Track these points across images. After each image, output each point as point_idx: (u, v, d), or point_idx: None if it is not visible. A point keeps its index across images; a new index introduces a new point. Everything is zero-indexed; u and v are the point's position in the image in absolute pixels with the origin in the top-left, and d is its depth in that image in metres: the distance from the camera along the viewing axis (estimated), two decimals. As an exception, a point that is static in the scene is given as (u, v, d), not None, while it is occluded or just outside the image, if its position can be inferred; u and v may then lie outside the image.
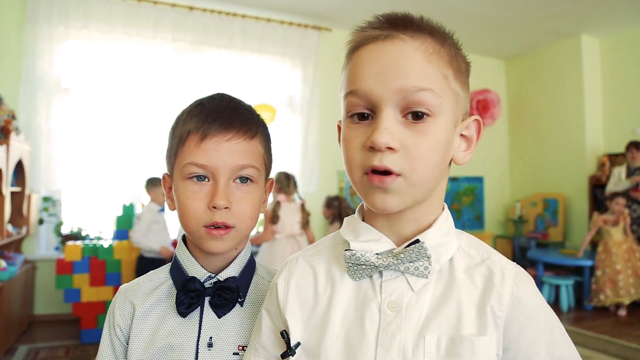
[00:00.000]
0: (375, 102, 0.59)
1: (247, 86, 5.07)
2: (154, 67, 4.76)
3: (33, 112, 4.30)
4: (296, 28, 5.38)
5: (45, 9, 4.35)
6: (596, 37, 6.00)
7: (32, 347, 3.71)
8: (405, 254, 0.61)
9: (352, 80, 0.61)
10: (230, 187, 0.76)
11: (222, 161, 0.75)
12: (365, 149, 0.59)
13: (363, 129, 0.60)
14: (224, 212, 0.75)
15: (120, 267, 3.94)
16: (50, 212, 4.63)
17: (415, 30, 0.60)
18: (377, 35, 0.60)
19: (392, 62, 0.58)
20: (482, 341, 0.58)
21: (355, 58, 0.62)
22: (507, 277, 0.62)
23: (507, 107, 7.05)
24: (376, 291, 0.62)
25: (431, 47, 0.60)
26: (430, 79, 0.58)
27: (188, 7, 4.88)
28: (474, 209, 6.76)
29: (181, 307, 0.77)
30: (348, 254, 0.63)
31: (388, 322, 0.60)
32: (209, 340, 0.77)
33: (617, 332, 4.10)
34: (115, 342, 0.81)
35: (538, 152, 6.57)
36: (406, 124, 0.58)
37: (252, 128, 0.79)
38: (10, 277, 3.64)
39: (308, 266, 0.70)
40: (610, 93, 5.95)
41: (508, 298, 0.61)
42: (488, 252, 0.66)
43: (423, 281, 0.62)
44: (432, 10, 5.18)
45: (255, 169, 0.78)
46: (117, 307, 0.82)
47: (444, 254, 0.64)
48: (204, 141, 0.75)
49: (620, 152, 5.50)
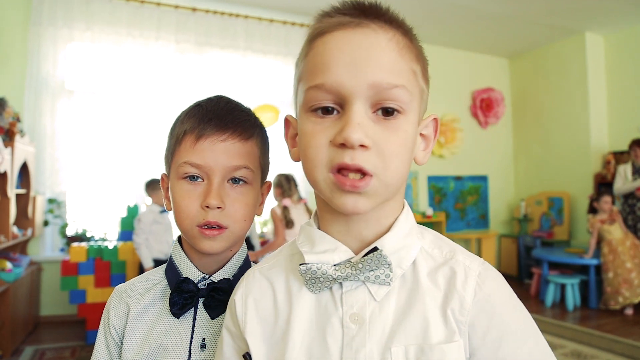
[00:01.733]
0: (345, 96, 0.54)
1: (250, 86, 5.08)
2: (158, 68, 4.77)
3: (38, 114, 4.32)
4: (299, 28, 5.38)
5: (49, 11, 4.37)
6: (600, 35, 5.97)
7: (38, 348, 3.73)
8: (364, 264, 0.57)
9: (318, 71, 0.55)
10: (224, 187, 0.76)
11: (216, 161, 0.75)
12: (332, 146, 0.54)
13: (330, 124, 0.55)
14: (217, 212, 0.75)
15: (125, 268, 3.95)
16: (55, 213, 4.65)
17: (386, 21, 0.56)
18: (346, 22, 0.55)
19: (364, 53, 0.54)
20: (451, 348, 0.55)
21: (319, 45, 0.57)
22: (469, 278, 0.58)
23: (511, 106, 7.03)
24: (337, 304, 0.59)
25: (402, 40, 0.56)
26: (402, 75, 0.55)
27: (191, 8, 4.89)
28: (479, 208, 6.75)
29: (175, 307, 0.77)
30: (303, 269, 0.59)
31: (351, 336, 0.57)
32: (201, 341, 0.77)
33: (623, 331, 4.07)
34: (110, 342, 0.81)
35: (543, 151, 6.55)
36: (376, 120, 0.55)
37: (247, 129, 0.79)
38: (16, 278, 3.66)
39: (266, 280, 0.66)
40: (615, 90, 5.92)
41: (470, 301, 0.57)
42: (452, 252, 0.62)
43: (385, 289, 0.58)
44: (436, 9, 5.18)
45: (249, 170, 0.78)
46: (112, 307, 0.82)
47: (406, 258, 0.60)
48: (199, 141, 0.75)
49: (625, 150, 5.46)
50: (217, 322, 0.79)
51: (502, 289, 0.60)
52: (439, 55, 6.35)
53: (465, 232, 6.45)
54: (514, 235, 6.56)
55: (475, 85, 6.73)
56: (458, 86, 6.57)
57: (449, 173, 6.52)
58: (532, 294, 5.41)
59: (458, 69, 6.56)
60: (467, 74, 6.64)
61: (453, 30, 5.85)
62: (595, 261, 4.81)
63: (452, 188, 6.55)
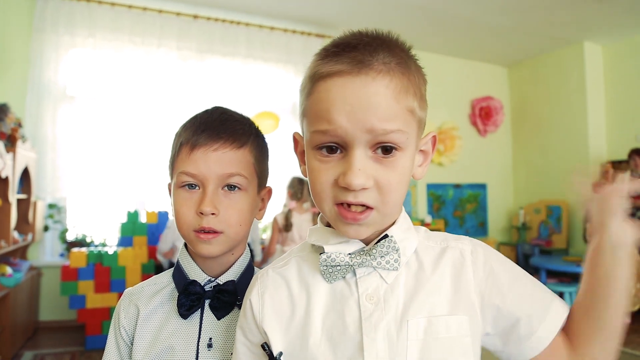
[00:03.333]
0: (347, 141, 0.60)
1: (251, 94, 5.11)
2: (159, 75, 4.80)
3: (39, 120, 4.34)
4: (299, 36, 5.42)
5: (52, 18, 4.41)
6: (599, 44, 6.01)
7: (37, 353, 3.73)
8: (376, 249, 0.64)
9: (322, 119, 0.61)
10: (218, 194, 0.80)
11: (209, 170, 0.79)
12: (336, 185, 0.61)
13: (333, 164, 0.62)
14: (211, 218, 0.79)
15: (125, 273, 3.96)
16: (56, 219, 4.66)
17: (383, 62, 0.60)
18: (346, 70, 0.60)
19: (363, 102, 0.59)
20: (454, 320, 0.64)
21: (322, 91, 0.62)
22: (466, 258, 0.68)
23: (510, 114, 7.07)
24: (352, 289, 0.65)
25: (399, 83, 0.60)
26: (398, 119, 0.60)
27: (192, 15, 4.93)
28: (478, 215, 6.76)
29: (182, 309, 0.81)
30: (323, 257, 0.65)
31: (369, 313, 0.63)
32: (208, 341, 0.81)
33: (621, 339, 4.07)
34: (120, 343, 0.85)
35: (541, 159, 6.57)
36: (376, 159, 0.61)
37: (240, 138, 0.82)
38: (16, 283, 3.67)
39: (279, 277, 0.72)
40: (613, 100, 5.95)
41: (471, 277, 0.67)
42: (444, 240, 0.72)
43: (394, 273, 0.66)
44: (434, 19, 5.23)
45: (242, 177, 0.81)
46: (122, 309, 0.86)
47: (408, 247, 0.68)
48: (193, 151, 0.80)
49: (623, 159, 5.49)
50: (223, 323, 0.82)
51: (490, 253, 0.70)
52: (439, 64, 6.39)
53: (464, 239, 6.45)
54: (512, 243, 6.57)
55: (475, 93, 6.77)
56: (457, 94, 6.61)
57: (448, 181, 6.54)
58: (531, 302, 5.41)
59: (457, 77, 6.59)
60: (467, 83, 6.68)
61: (453, 39, 5.89)
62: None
63: (451, 196, 6.57)
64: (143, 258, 4.05)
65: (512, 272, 0.69)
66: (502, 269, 0.69)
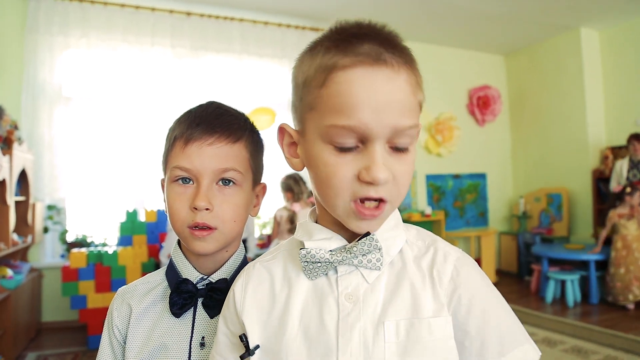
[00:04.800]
0: (369, 137, 0.58)
1: (247, 90, 5.09)
2: (154, 73, 4.79)
3: (35, 121, 4.33)
4: (294, 30, 5.39)
5: (45, 19, 4.39)
6: (595, 30, 5.98)
7: (40, 354, 3.74)
8: (357, 247, 0.63)
9: (343, 113, 0.58)
10: (212, 189, 0.79)
11: (204, 164, 0.78)
12: (358, 180, 0.59)
13: (352, 158, 0.59)
14: (205, 214, 0.78)
15: (125, 272, 3.96)
16: (55, 220, 4.66)
17: (399, 55, 0.59)
18: (370, 61, 0.58)
19: (388, 97, 0.57)
20: (437, 322, 0.61)
21: (342, 83, 0.58)
22: (448, 260, 0.66)
23: (508, 103, 7.05)
24: (332, 286, 0.64)
25: (414, 77, 0.61)
26: (414, 115, 0.60)
27: (186, 12, 4.90)
28: (478, 205, 6.76)
29: (174, 307, 0.80)
30: (303, 252, 0.64)
31: (347, 313, 0.62)
32: (201, 340, 0.80)
33: (624, 326, 4.08)
34: (114, 342, 0.84)
35: (540, 147, 6.56)
36: (391, 153, 0.60)
37: (235, 132, 0.81)
38: (17, 285, 3.67)
39: (265, 270, 0.71)
40: (611, 85, 5.93)
41: (447, 280, 0.64)
42: (433, 241, 0.69)
43: (376, 273, 0.64)
44: (430, 9, 5.19)
45: (237, 172, 0.80)
46: (115, 308, 0.86)
47: (393, 247, 0.66)
48: (187, 145, 0.78)
49: (623, 144, 5.47)
50: (216, 321, 0.81)
51: (477, 271, 0.67)
52: (435, 54, 6.37)
53: (464, 230, 6.46)
54: (513, 233, 6.57)
55: (472, 83, 6.74)
56: (454, 84, 6.58)
57: (447, 171, 6.53)
58: (533, 291, 5.41)
59: (454, 67, 6.57)
60: (463, 72, 6.65)
61: (448, 28, 5.86)
62: (596, 257, 4.81)
63: (451, 186, 6.56)
64: (143, 257, 4.05)
65: (492, 298, 0.65)
66: (484, 289, 0.65)
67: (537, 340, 3.78)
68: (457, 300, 0.63)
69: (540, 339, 3.82)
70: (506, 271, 6.49)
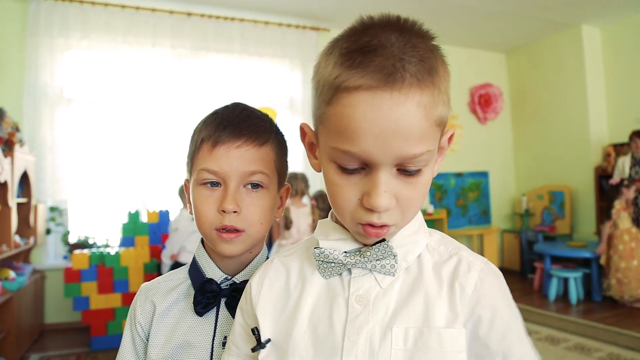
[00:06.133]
0: (372, 164, 0.56)
1: (248, 89, 5.09)
2: (155, 74, 4.79)
3: (37, 123, 4.34)
4: (294, 30, 5.39)
5: (46, 21, 4.39)
6: (597, 27, 5.96)
7: (43, 356, 3.75)
8: (371, 252, 0.62)
9: (346, 138, 0.56)
10: (240, 192, 0.80)
11: (231, 167, 0.78)
12: (360, 205, 0.59)
13: (356, 182, 0.59)
14: (233, 216, 0.78)
15: (128, 274, 3.97)
16: (57, 221, 4.67)
17: (415, 72, 0.54)
18: (375, 86, 0.53)
19: (394, 126, 0.53)
20: (449, 333, 0.59)
21: (347, 106, 0.55)
22: (472, 271, 0.63)
23: (510, 101, 7.03)
24: (344, 287, 0.64)
25: (430, 96, 0.55)
26: (427, 139, 0.56)
27: (186, 13, 4.90)
28: (480, 204, 6.74)
29: (198, 306, 0.81)
30: (317, 252, 0.65)
31: (355, 315, 0.62)
32: (223, 339, 0.80)
33: (627, 323, 4.07)
34: (136, 338, 0.85)
35: (542, 145, 6.54)
36: (399, 177, 0.58)
37: (262, 135, 0.81)
38: (20, 287, 3.68)
39: (282, 266, 0.72)
40: (613, 82, 5.91)
41: (470, 291, 0.61)
42: (457, 248, 0.67)
43: (390, 278, 0.63)
44: (430, 7, 5.18)
45: (265, 175, 0.81)
46: (138, 305, 0.87)
47: (411, 253, 0.65)
48: (215, 148, 0.79)
49: (625, 141, 5.45)
50: None
51: (500, 283, 0.64)
52: (436, 53, 6.34)
53: (467, 228, 6.45)
54: (516, 231, 6.56)
55: (473, 81, 6.73)
56: (456, 82, 6.48)
57: (450, 170, 6.52)
58: (535, 289, 5.40)
59: (455, 65, 6.38)
60: (465, 70, 6.63)
61: (449, 26, 5.84)
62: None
63: (453, 185, 6.55)
64: (145, 258, 4.06)
65: (513, 314, 0.63)
66: (506, 304, 0.63)
67: (540, 338, 3.77)
68: (478, 314, 0.61)
69: (544, 337, 3.81)
70: (509, 269, 6.47)
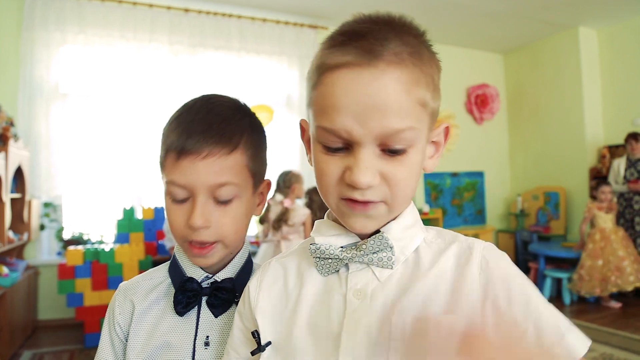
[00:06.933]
0: (354, 141, 0.57)
1: (245, 87, 5.07)
2: (151, 70, 4.77)
3: (32, 118, 4.31)
4: (292, 27, 5.37)
5: (42, 15, 4.36)
6: (594, 29, 5.98)
7: (36, 352, 3.73)
8: (367, 245, 0.61)
9: (327, 115, 0.57)
10: (209, 205, 0.75)
11: (198, 180, 0.74)
12: (342, 181, 0.58)
13: (339, 160, 0.59)
14: (203, 231, 0.75)
15: (122, 270, 3.95)
16: (52, 217, 4.64)
17: (393, 51, 0.55)
18: (354, 63, 0.55)
19: (370, 100, 0.54)
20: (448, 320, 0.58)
21: (328, 84, 0.57)
22: (474, 253, 0.62)
23: (506, 101, 7.04)
24: (342, 282, 0.63)
25: (410, 74, 0.56)
26: (409, 116, 0.56)
27: (184, 9, 4.88)
28: (475, 203, 6.76)
29: (179, 306, 0.78)
30: (313, 247, 0.64)
31: (353, 309, 0.61)
32: (205, 339, 0.79)
33: (620, 323, 4.09)
34: (115, 339, 0.82)
35: (538, 146, 6.56)
36: (383, 156, 0.58)
37: (230, 142, 0.75)
38: (13, 283, 3.65)
39: (280, 267, 0.71)
40: (609, 84, 5.93)
41: (477, 275, 0.60)
42: (454, 236, 0.66)
43: (388, 272, 0.62)
44: (428, 6, 5.18)
45: (235, 185, 0.76)
46: (117, 305, 0.84)
47: (408, 246, 0.64)
48: (179, 159, 0.74)
49: (620, 143, 5.48)
50: (221, 321, 0.80)
51: (507, 259, 0.63)
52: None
53: (462, 228, 6.46)
54: (510, 231, 6.58)
55: (470, 81, 6.73)
56: (453, 82, 6.57)
57: (445, 169, 6.53)
58: (530, 289, 5.41)
59: (452, 65, 6.55)
60: (462, 70, 6.64)
61: (446, 26, 5.85)
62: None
63: (449, 184, 6.56)
64: (140, 254, 4.04)
65: (529, 285, 0.61)
66: (518, 277, 0.61)
67: (534, 339, 3.78)
68: (493, 294, 0.58)
69: (538, 337, 3.82)
70: (503, 269, 6.49)
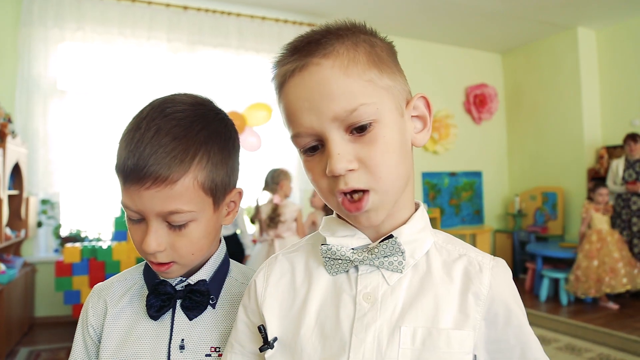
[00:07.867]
0: (320, 134, 0.59)
1: (243, 85, 5.07)
2: (150, 68, 4.76)
3: (30, 115, 4.29)
4: (291, 25, 5.37)
5: (40, 11, 4.34)
6: (592, 29, 5.99)
7: (33, 350, 3.72)
8: (379, 249, 0.62)
9: (291, 123, 0.62)
10: (161, 229, 0.72)
11: (146, 207, 0.70)
12: (327, 177, 0.60)
13: (319, 159, 0.61)
14: (158, 254, 0.73)
15: (120, 268, 3.94)
16: (49, 214, 4.63)
17: (324, 47, 0.60)
18: (293, 69, 0.60)
19: (315, 92, 0.58)
20: (458, 335, 0.60)
21: (284, 97, 0.63)
22: (484, 271, 0.64)
23: (505, 101, 7.05)
24: (352, 284, 0.64)
25: (345, 58, 0.59)
26: (356, 94, 0.58)
27: (182, 6, 4.86)
28: (473, 203, 6.77)
29: (152, 310, 0.77)
30: (324, 248, 0.64)
31: (363, 313, 0.61)
32: (180, 342, 0.77)
33: (617, 324, 4.10)
34: (88, 341, 0.81)
35: (536, 146, 6.57)
36: (354, 139, 0.59)
37: (176, 171, 0.69)
38: (10, 280, 3.64)
39: (287, 263, 0.71)
40: (607, 85, 5.94)
41: (485, 292, 0.62)
42: (465, 248, 0.67)
43: (398, 275, 0.63)
44: (427, 6, 5.18)
45: (185, 212, 0.71)
46: (90, 306, 0.82)
47: (419, 249, 0.65)
48: (125, 185, 0.71)
49: (618, 144, 5.49)
50: (196, 323, 0.78)
51: (511, 281, 0.66)
52: (432, 52, 6.36)
53: (460, 227, 6.47)
54: (508, 231, 6.59)
55: (469, 81, 6.74)
56: (451, 82, 6.58)
57: (443, 169, 6.53)
58: (527, 289, 5.43)
59: (451, 65, 6.56)
60: (460, 70, 6.65)
61: (445, 26, 5.85)
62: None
63: (447, 184, 6.57)
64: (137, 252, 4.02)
65: (522, 310, 0.67)
66: (517, 301, 0.66)
67: (531, 338, 3.79)
68: (494, 311, 0.63)
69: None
70: (501, 269, 6.50)
